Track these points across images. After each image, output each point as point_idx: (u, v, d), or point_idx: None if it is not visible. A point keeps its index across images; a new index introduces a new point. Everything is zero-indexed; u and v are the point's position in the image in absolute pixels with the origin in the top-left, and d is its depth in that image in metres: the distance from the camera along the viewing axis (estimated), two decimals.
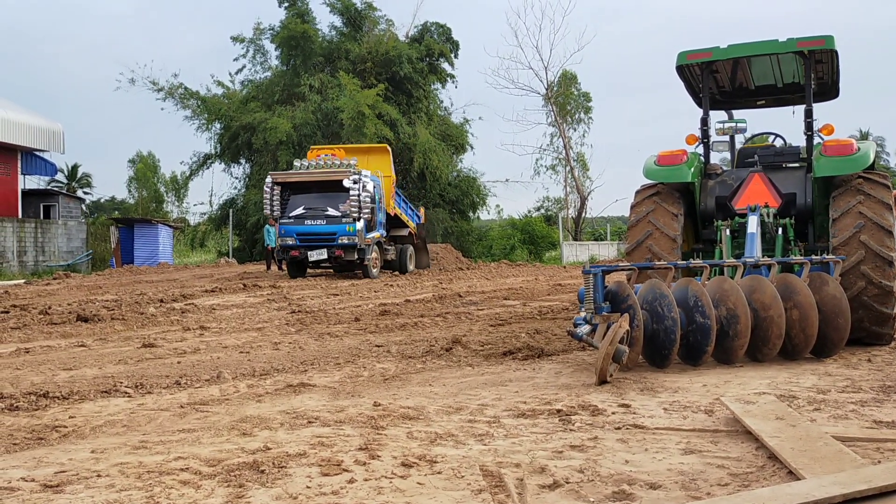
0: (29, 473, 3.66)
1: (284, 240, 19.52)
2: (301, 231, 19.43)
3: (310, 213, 19.60)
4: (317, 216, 19.50)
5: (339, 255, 19.15)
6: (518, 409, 4.77)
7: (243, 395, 5.49)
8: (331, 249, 19.07)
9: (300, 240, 19.31)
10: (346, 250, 19.22)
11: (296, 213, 19.66)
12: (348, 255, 19.26)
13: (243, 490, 3.37)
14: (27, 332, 9.40)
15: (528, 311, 10.97)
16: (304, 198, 19.85)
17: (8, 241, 28.65)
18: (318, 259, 19.24)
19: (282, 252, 19.81)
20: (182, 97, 35.22)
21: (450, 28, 37.01)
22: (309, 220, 19.47)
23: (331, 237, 19.21)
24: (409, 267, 22.69)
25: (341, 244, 19.12)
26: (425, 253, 24.76)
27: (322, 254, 19.09)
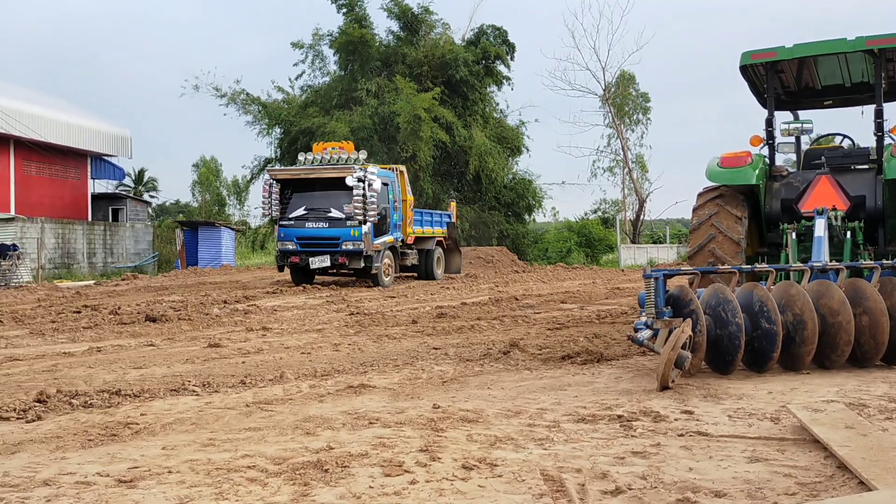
0: (104, 469, 3.81)
1: (284, 244, 17.53)
2: (301, 235, 17.42)
3: (311, 214, 17.54)
4: (319, 218, 17.44)
5: (344, 263, 17.11)
6: (578, 414, 4.75)
7: (306, 395, 5.59)
8: (334, 256, 17.04)
9: (301, 245, 17.35)
10: (351, 257, 17.03)
11: (296, 215, 17.62)
12: (353, 263, 17.10)
13: (308, 489, 3.44)
14: (98, 331, 9.74)
15: (585, 314, 10.88)
16: (306, 197, 17.74)
17: (78, 243, 29.73)
18: (320, 266, 17.22)
19: (281, 258, 17.72)
20: (244, 103, 35.99)
21: (506, 30, 36.98)
22: (310, 223, 17.44)
23: (334, 242, 17.14)
24: (437, 272, 20.58)
25: (345, 250, 16.98)
26: (457, 255, 22.61)
27: (324, 261, 17.07)
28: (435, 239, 20.72)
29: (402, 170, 19.73)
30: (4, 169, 29.27)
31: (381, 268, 17.47)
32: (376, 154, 32.52)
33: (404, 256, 19.27)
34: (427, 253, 20.27)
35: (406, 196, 19.33)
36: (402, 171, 19.62)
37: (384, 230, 17.78)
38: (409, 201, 19.40)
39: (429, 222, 20.89)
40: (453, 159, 34.95)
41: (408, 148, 31.69)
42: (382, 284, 17.47)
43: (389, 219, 18.04)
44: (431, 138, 31.70)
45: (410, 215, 19.42)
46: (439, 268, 20.90)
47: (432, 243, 20.46)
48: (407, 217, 19.23)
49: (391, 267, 18.15)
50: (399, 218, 18.79)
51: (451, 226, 22.13)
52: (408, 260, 19.46)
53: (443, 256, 21.32)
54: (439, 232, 21.29)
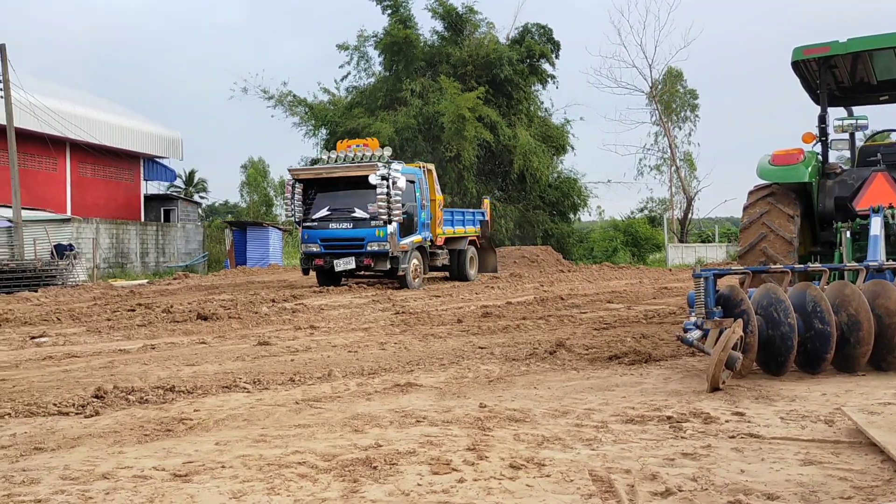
0: (160, 463, 3.91)
1: (308, 246, 17.03)
2: (325, 236, 16.85)
3: (335, 215, 16.95)
4: (342, 219, 16.83)
5: (369, 265, 16.49)
6: (626, 415, 4.72)
7: (353, 393, 5.66)
8: (359, 258, 16.44)
9: (325, 246, 16.78)
10: (377, 258, 16.42)
11: (319, 216, 17.05)
12: (379, 264, 16.45)
13: (357, 485, 3.48)
14: (152, 329, 9.99)
15: (632, 314, 10.78)
16: (329, 197, 17.15)
17: (131, 242, 30.50)
18: (345, 269, 16.60)
19: (305, 260, 17.26)
20: (291, 105, 36.49)
21: (551, 29, 36.81)
22: (334, 224, 16.84)
23: (358, 243, 16.53)
24: (470, 273, 19.78)
25: (370, 251, 16.37)
26: (492, 254, 21.77)
27: (349, 262, 16.46)
28: (467, 238, 19.97)
29: (431, 168, 19.02)
30: (61, 171, 30.18)
31: (409, 269, 16.80)
32: (421, 154, 32.66)
33: (434, 257, 18.57)
34: (459, 253, 19.52)
35: (435, 195, 18.60)
36: (430, 169, 18.88)
37: (411, 230, 17.09)
38: (438, 201, 18.67)
39: (460, 221, 20.14)
40: (497, 158, 34.90)
41: (452, 148, 31.75)
42: (410, 286, 16.71)
43: (417, 218, 17.32)
44: (475, 138, 31.71)
45: (440, 215, 18.69)
46: (472, 268, 20.14)
47: (464, 243, 19.75)
48: (436, 217, 18.50)
49: (419, 268, 17.46)
50: (427, 217, 18.02)
51: (485, 224, 21.25)
52: (438, 260, 18.79)
53: (476, 256, 20.56)
54: (472, 231, 20.49)
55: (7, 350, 8.32)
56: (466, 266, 19.57)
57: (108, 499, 3.37)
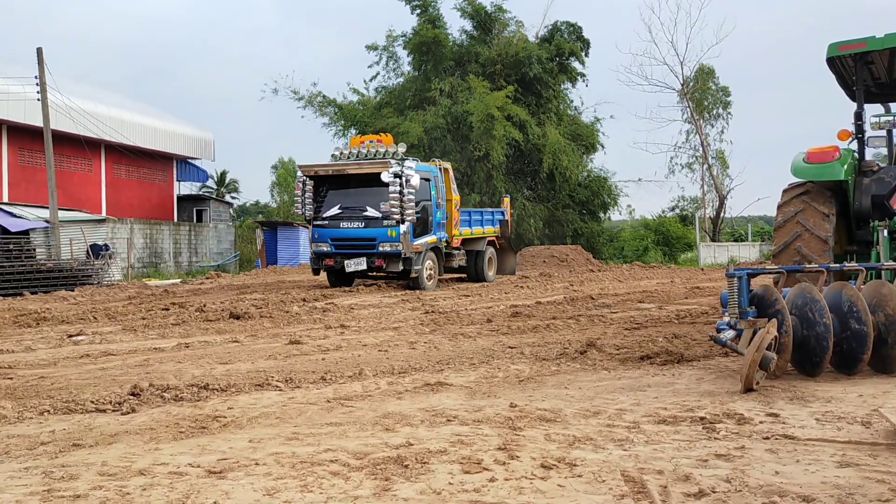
0: (195, 460, 3.97)
1: (318, 245, 16.39)
2: (336, 236, 16.17)
3: (346, 213, 16.24)
4: (354, 218, 16.11)
5: (381, 266, 15.83)
6: (658, 416, 4.68)
7: (384, 392, 5.69)
8: (370, 258, 15.81)
9: (335, 246, 16.14)
10: (389, 259, 15.77)
11: (330, 214, 16.35)
12: (391, 266, 15.79)
13: (389, 483, 3.51)
14: (186, 328, 10.13)
15: (664, 314, 10.69)
16: (341, 195, 16.43)
17: (165, 242, 30.94)
18: (356, 270, 15.98)
19: (315, 260, 16.61)
20: (320, 105, 36.72)
21: (580, 26, 36.59)
22: (345, 223, 16.14)
23: (370, 243, 15.85)
24: (488, 274, 18.95)
25: (382, 252, 15.70)
26: (511, 255, 21.13)
27: (360, 263, 15.83)
28: (486, 239, 19.17)
29: (447, 167, 18.25)
30: (96, 172, 30.71)
31: (423, 271, 16.09)
32: (450, 153, 32.67)
33: (450, 258, 17.87)
34: (477, 254, 18.77)
35: (451, 195, 17.89)
36: (446, 167, 18.13)
37: (425, 230, 16.42)
38: (454, 201, 17.96)
39: (478, 222, 19.37)
40: (526, 157, 34.79)
41: (481, 147, 31.72)
42: (424, 288, 15.96)
43: (431, 217, 16.66)
44: (504, 137, 31.64)
45: (456, 216, 17.99)
46: (491, 269, 19.30)
47: (482, 244, 18.95)
48: (452, 217, 17.81)
49: (434, 269, 16.70)
50: (443, 217, 17.33)
51: (504, 224, 20.33)
52: (454, 262, 18.04)
53: (495, 257, 19.69)
54: (490, 231, 19.69)
55: (45, 348, 8.49)
56: (485, 267, 18.84)
57: (144, 495, 3.43)
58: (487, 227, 19.53)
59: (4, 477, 3.74)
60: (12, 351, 8.26)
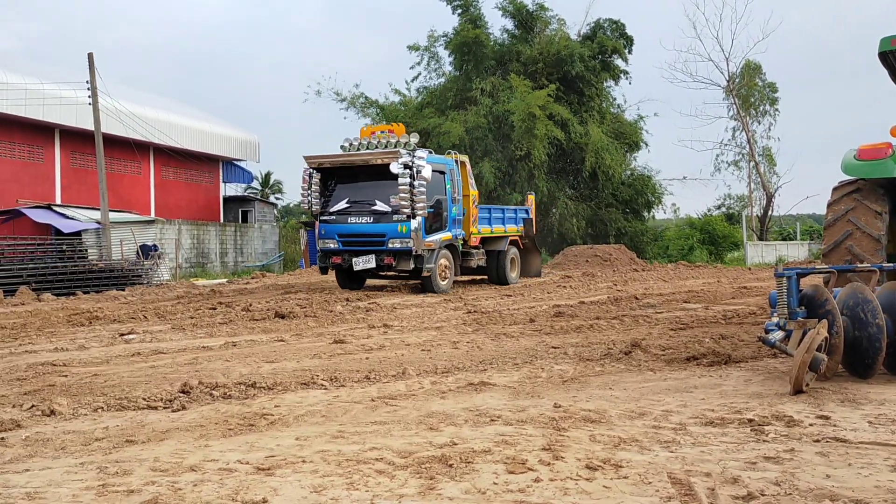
0: (244, 457, 4.05)
1: (325, 242, 15.37)
2: (343, 232, 15.18)
3: (354, 208, 15.21)
4: (362, 212, 15.06)
5: (390, 264, 14.86)
6: (705, 417, 4.63)
7: (428, 392, 5.72)
8: (380, 256, 14.83)
9: (343, 243, 15.19)
10: (399, 257, 14.77)
11: (337, 209, 15.33)
12: (402, 264, 14.79)
13: (434, 482, 3.53)
14: (233, 327, 10.31)
15: (710, 314, 10.53)
16: (350, 189, 15.45)
17: (211, 243, 31.49)
18: (364, 268, 15.02)
19: (323, 258, 15.61)
20: (363, 106, 37.01)
21: (623, 23, 36.24)
22: (353, 218, 15.10)
23: (379, 240, 14.85)
24: (511, 276, 17.89)
25: (392, 249, 14.71)
26: (536, 256, 19.92)
27: (369, 261, 14.86)
28: (507, 238, 18.06)
29: (465, 160, 17.22)
30: (145, 174, 31.41)
31: (436, 270, 15.11)
32: (491, 153, 32.64)
33: (467, 257, 16.80)
34: (499, 254, 17.66)
35: (469, 190, 16.84)
36: (463, 161, 17.07)
37: (440, 226, 15.36)
38: (472, 196, 16.92)
39: (499, 220, 18.31)
40: (569, 156, 34.58)
41: (522, 146, 31.63)
42: (437, 290, 15.11)
43: (446, 213, 15.54)
44: (546, 136, 31.49)
45: (475, 212, 16.97)
46: (513, 271, 18.22)
47: (504, 243, 17.84)
48: (470, 214, 16.79)
49: (449, 269, 15.69)
50: (459, 213, 16.25)
51: (529, 223, 19.19)
52: (472, 261, 16.95)
53: (518, 258, 18.60)
54: (513, 230, 18.61)
55: (98, 346, 8.73)
56: (506, 269, 17.75)
57: (195, 490, 3.51)
58: (510, 226, 18.57)
59: (61, 471, 3.86)
60: (67, 349, 8.51)
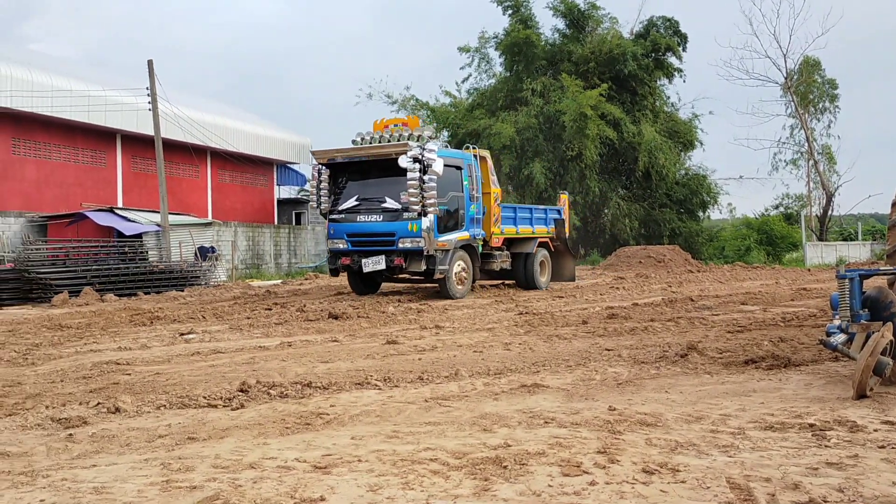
0: (301, 455, 4.12)
1: (334, 242, 14.54)
2: (353, 231, 14.30)
3: (364, 206, 14.31)
4: (372, 210, 14.16)
5: (400, 265, 13.92)
6: (765, 422, 4.54)
7: (480, 393, 5.73)
8: (390, 256, 13.90)
9: (352, 243, 14.30)
10: (410, 258, 13.84)
11: (347, 207, 14.44)
12: (413, 265, 13.84)
13: (488, 483, 3.54)
14: (288, 327, 10.48)
15: (769, 317, 10.30)
16: (360, 185, 14.56)
17: (266, 244, 32.03)
18: (374, 269, 14.07)
19: (332, 259, 14.77)
20: (413, 108, 37.26)
21: (677, 21, 35.74)
22: (362, 216, 14.21)
23: (388, 239, 13.94)
24: (540, 281, 16.80)
25: (402, 249, 13.79)
26: (569, 259, 18.56)
27: (379, 262, 13.91)
28: (536, 240, 16.90)
29: (486, 155, 16.16)
30: (202, 178, 32.13)
31: (451, 271, 14.09)
32: (542, 153, 32.48)
33: (488, 259, 15.73)
34: (526, 257, 16.58)
35: (490, 187, 15.75)
36: (484, 156, 16.01)
37: (455, 225, 14.36)
38: (494, 194, 15.83)
39: (526, 220, 17.06)
40: (621, 156, 34.23)
41: (574, 146, 31.42)
42: (453, 294, 14.13)
43: (463, 211, 14.53)
44: (598, 136, 31.23)
45: (497, 211, 15.87)
46: (543, 275, 17.12)
47: (532, 245, 16.70)
48: (491, 212, 15.68)
49: (467, 271, 14.67)
50: (479, 212, 15.13)
51: (561, 223, 17.93)
52: (494, 264, 15.85)
53: (548, 261, 17.45)
54: (543, 231, 17.41)
55: (160, 346, 8.97)
56: (535, 272, 16.66)
57: (255, 487, 3.58)
58: (539, 227, 17.35)
59: (126, 467, 3.98)
60: (129, 348, 8.77)
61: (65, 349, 8.80)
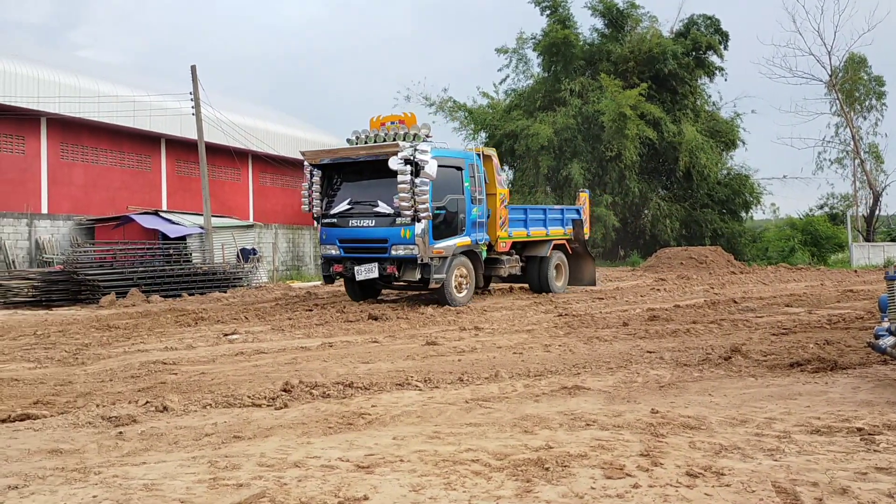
0: (344, 454, 4.18)
1: (326, 248, 13.70)
2: (344, 237, 13.38)
3: (356, 210, 13.32)
4: (364, 215, 13.17)
5: (392, 273, 12.91)
6: (811, 425, 4.47)
7: (521, 395, 5.74)
8: (382, 264, 12.96)
9: (344, 249, 13.40)
10: (404, 266, 12.89)
11: (338, 211, 13.48)
12: (407, 274, 12.89)
13: (531, 485, 3.55)
14: (329, 328, 10.59)
15: (814, 319, 10.11)
16: (353, 188, 13.60)
17: (306, 246, 32.38)
18: (367, 278, 13.11)
19: (325, 266, 13.90)
20: (451, 110, 37.36)
21: (718, 19, 35.25)
22: (354, 221, 13.25)
23: (381, 245, 12.95)
24: (556, 285, 15.91)
25: (395, 256, 12.78)
26: (588, 262, 17.24)
27: (372, 270, 12.97)
28: (551, 242, 15.94)
29: (491, 154, 14.98)
30: (244, 181, 32.61)
31: (449, 280, 13.11)
32: (580, 154, 32.29)
33: (494, 265, 14.89)
34: (541, 261, 15.72)
35: (496, 188, 14.71)
36: (489, 154, 14.86)
37: (453, 230, 13.26)
38: (500, 195, 14.77)
39: (539, 222, 15.99)
40: (661, 156, 33.86)
41: (613, 147, 31.18)
42: (453, 302, 13.14)
43: (463, 215, 13.45)
44: (637, 136, 30.95)
45: (503, 214, 14.80)
46: (559, 279, 16.18)
47: (546, 248, 15.78)
48: (497, 215, 14.63)
49: (468, 279, 13.63)
50: (481, 214, 14.04)
51: (579, 224, 16.88)
52: (501, 269, 14.96)
53: (565, 264, 16.47)
54: (558, 233, 16.33)
55: (204, 346, 9.14)
56: (550, 277, 15.76)
57: (300, 486, 3.64)
58: (554, 229, 16.25)
59: (175, 465, 4.08)
60: (175, 348, 8.95)
61: (113, 349, 9.01)
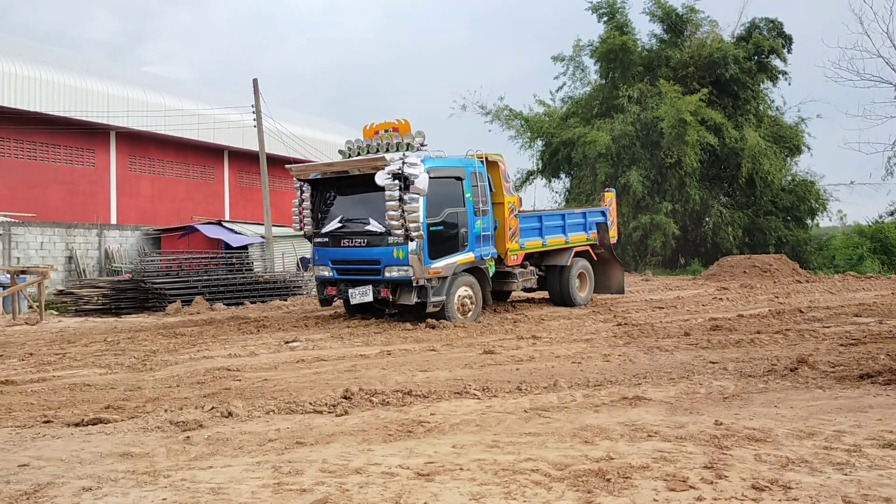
0: (404, 462, 4.21)
1: (319, 269, 12.66)
2: (337, 257, 12.28)
3: (348, 228, 12.23)
4: (355, 233, 12.05)
5: (386, 297, 11.80)
6: (883, 439, 4.32)
7: (580, 405, 5.69)
8: (377, 287, 11.84)
9: (338, 271, 12.31)
10: (400, 289, 11.67)
11: (330, 229, 12.42)
12: (403, 297, 11.62)
13: (592, 496, 3.52)
14: (387, 336, 10.68)
15: (885, 329, 9.76)
16: (344, 204, 12.52)
17: None
18: (361, 301, 12.01)
19: (320, 288, 12.93)
20: (507, 118, 37.24)
21: (781, 22, 34.34)
22: (346, 241, 12.13)
23: (374, 268, 11.79)
24: (578, 296, 14.78)
25: (389, 278, 11.62)
26: (616, 268, 15.78)
27: (366, 293, 11.87)
28: (572, 250, 14.71)
29: (498, 160, 13.47)
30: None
31: (452, 303, 11.92)
32: (639, 161, 31.87)
33: (506, 279, 13.64)
34: (561, 270, 14.59)
35: (503, 196, 13.26)
36: (495, 161, 13.38)
37: (453, 246, 12.00)
38: (509, 204, 13.38)
39: (557, 228, 14.72)
40: (723, 162, 33.17)
41: (672, 153, 30.69)
42: (454, 321, 11.81)
43: (465, 229, 12.16)
44: (698, 142, 30.39)
45: (513, 224, 13.43)
46: (583, 289, 15.06)
47: (567, 256, 14.56)
48: (506, 226, 13.27)
49: (473, 298, 12.32)
50: (487, 226, 12.69)
51: (604, 227, 15.46)
52: (513, 284, 13.77)
53: (589, 272, 15.24)
54: (580, 239, 15.06)
55: (267, 353, 9.32)
56: (572, 287, 14.66)
57: (361, 492, 3.69)
58: (574, 235, 14.97)
59: (240, 469, 4.18)
60: (239, 355, 9.16)
61: (180, 356, 9.27)
